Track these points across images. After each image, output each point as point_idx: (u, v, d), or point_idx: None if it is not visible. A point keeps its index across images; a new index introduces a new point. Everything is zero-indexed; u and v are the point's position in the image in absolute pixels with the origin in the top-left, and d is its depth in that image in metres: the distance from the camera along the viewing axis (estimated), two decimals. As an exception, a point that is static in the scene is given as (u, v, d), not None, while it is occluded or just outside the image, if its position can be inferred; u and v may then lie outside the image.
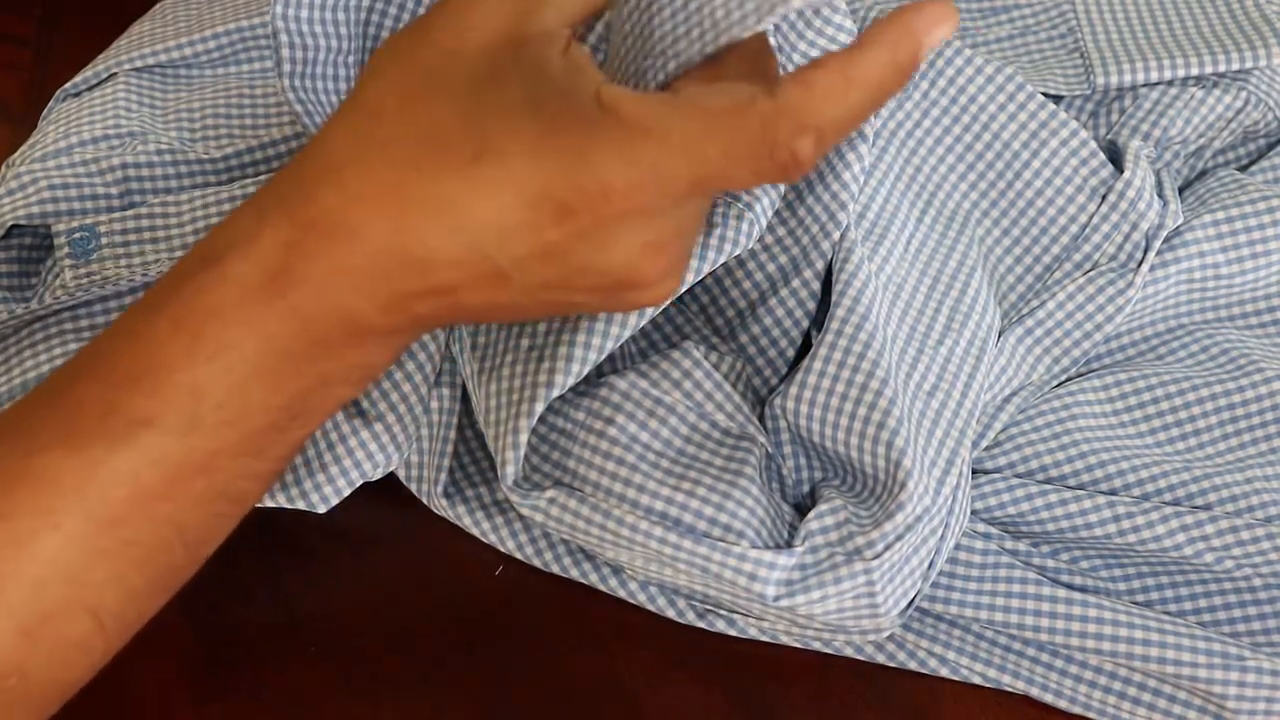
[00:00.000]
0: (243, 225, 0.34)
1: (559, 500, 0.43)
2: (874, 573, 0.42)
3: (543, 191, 0.32)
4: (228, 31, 0.55)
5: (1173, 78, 0.52)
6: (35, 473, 0.33)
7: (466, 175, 0.32)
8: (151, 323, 0.34)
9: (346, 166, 0.33)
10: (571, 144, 0.32)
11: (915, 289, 0.47)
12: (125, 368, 0.34)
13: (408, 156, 0.33)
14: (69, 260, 0.49)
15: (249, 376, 0.34)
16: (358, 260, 0.33)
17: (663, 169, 0.32)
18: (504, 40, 0.33)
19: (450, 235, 0.33)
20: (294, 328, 0.34)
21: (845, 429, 0.43)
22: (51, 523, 0.33)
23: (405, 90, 0.33)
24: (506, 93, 0.33)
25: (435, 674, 0.47)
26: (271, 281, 0.33)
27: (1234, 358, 0.50)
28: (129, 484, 0.34)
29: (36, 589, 0.34)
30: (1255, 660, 0.45)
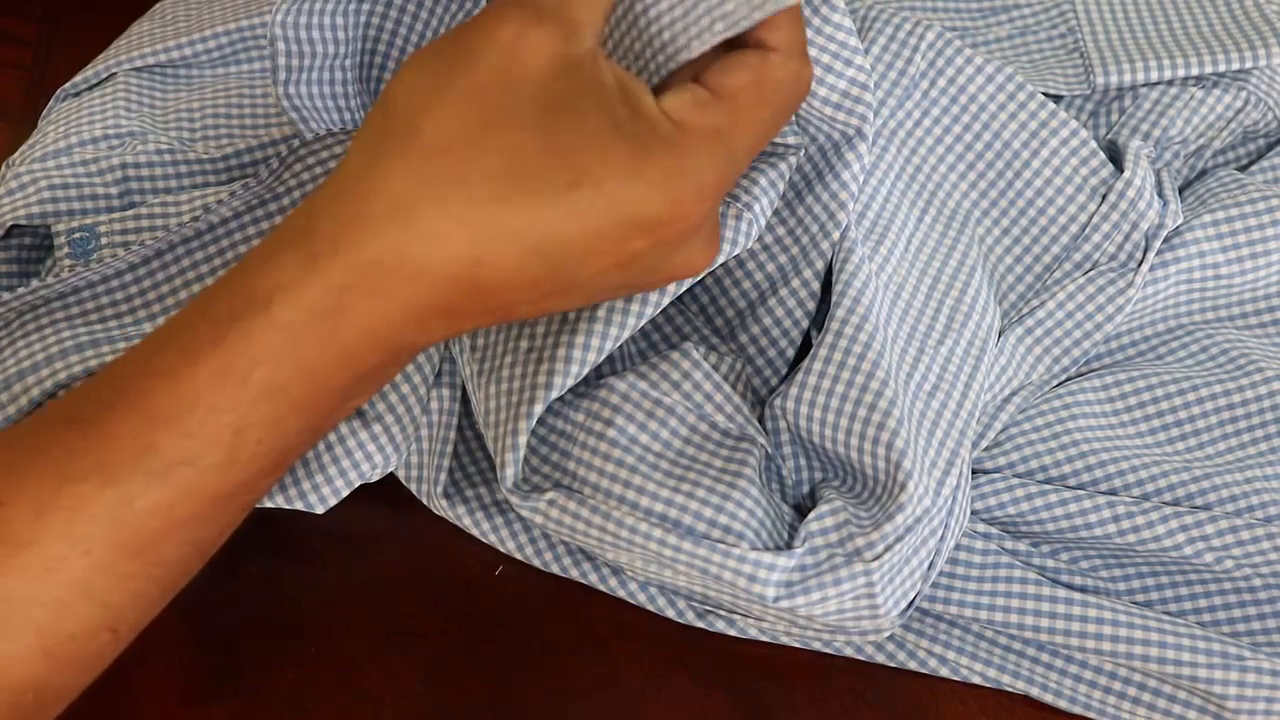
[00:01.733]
0: (288, 267, 0.34)
1: (559, 502, 0.43)
2: (874, 574, 0.42)
3: (637, 211, 0.33)
4: (228, 31, 0.55)
5: (1173, 78, 0.52)
6: (67, 503, 0.34)
7: (562, 203, 0.33)
8: (191, 364, 0.34)
9: (419, 205, 0.33)
10: (663, 164, 0.34)
11: (915, 289, 0.47)
12: (164, 407, 0.34)
13: (492, 191, 0.33)
14: (69, 260, 0.49)
15: (290, 412, 0.35)
16: (422, 297, 0.34)
17: (738, 154, 0.35)
18: (558, 66, 0.34)
19: (531, 259, 0.33)
20: (342, 364, 0.35)
21: (845, 429, 0.43)
22: (82, 550, 0.34)
23: (472, 125, 0.33)
24: (584, 120, 0.33)
25: (435, 674, 0.47)
26: (323, 323, 0.34)
27: (1234, 358, 0.50)
28: (163, 516, 0.34)
29: (61, 610, 0.34)
30: (1255, 660, 0.45)
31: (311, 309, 0.33)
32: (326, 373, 0.34)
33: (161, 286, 0.48)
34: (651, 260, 0.35)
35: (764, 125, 0.36)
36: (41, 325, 0.48)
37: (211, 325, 0.34)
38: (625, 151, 0.33)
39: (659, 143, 0.34)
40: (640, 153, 0.33)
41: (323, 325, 0.34)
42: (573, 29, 0.34)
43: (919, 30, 0.50)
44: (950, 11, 0.57)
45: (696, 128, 0.34)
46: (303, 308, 0.33)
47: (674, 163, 0.34)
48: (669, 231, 0.34)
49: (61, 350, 0.46)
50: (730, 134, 0.35)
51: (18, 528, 0.34)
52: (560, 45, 0.34)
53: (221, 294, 0.35)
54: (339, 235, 0.33)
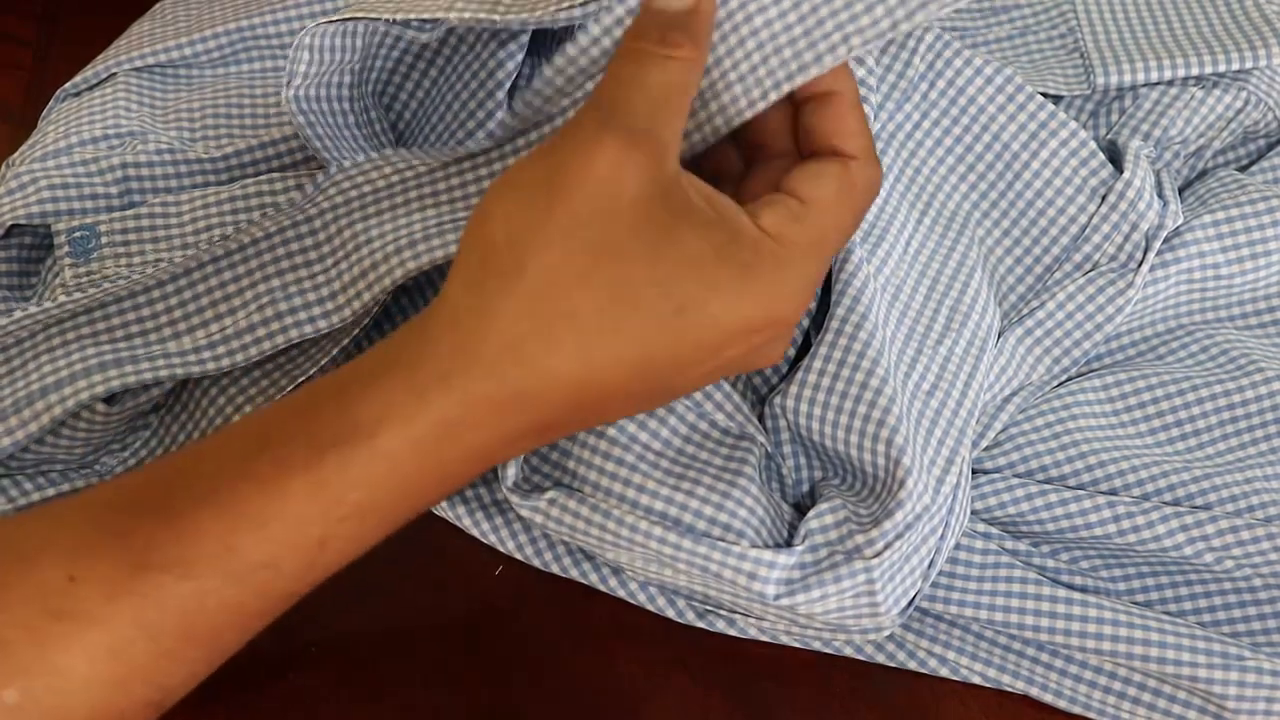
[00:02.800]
0: (395, 398, 0.34)
1: (559, 501, 0.43)
2: (874, 571, 0.42)
3: (741, 326, 0.35)
4: (227, 31, 0.55)
5: (1173, 78, 0.52)
6: (142, 590, 0.34)
7: (667, 329, 0.34)
8: (286, 476, 0.34)
9: (528, 342, 0.34)
10: (767, 282, 0.35)
11: (915, 290, 0.47)
12: (253, 513, 0.34)
13: (601, 325, 0.34)
14: (69, 259, 0.49)
15: (376, 526, 0.36)
16: (526, 424, 0.35)
17: (828, 256, 0.37)
18: (653, 195, 0.34)
19: (634, 380, 0.34)
20: (437, 485, 0.35)
21: (845, 428, 0.43)
22: (149, 635, 0.34)
23: (576, 260, 0.34)
24: (686, 246, 0.34)
25: (435, 674, 0.47)
26: (425, 453, 0.34)
27: (1234, 358, 0.50)
28: (234, 612, 0.35)
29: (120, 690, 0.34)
30: (1255, 660, 0.45)
31: (415, 441, 0.34)
32: (419, 493, 0.35)
33: (188, 305, 0.48)
34: (740, 364, 0.37)
35: (850, 229, 0.38)
36: (67, 340, 0.47)
37: (311, 445, 0.34)
38: (729, 276, 0.34)
39: (763, 262, 0.35)
40: (744, 274, 0.34)
41: (425, 454, 0.34)
42: (663, 151, 0.35)
43: (918, 32, 0.50)
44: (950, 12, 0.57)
45: (797, 243, 0.36)
46: (406, 439, 0.34)
47: (778, 278, 0.35)
48: (764, 338, 0.36)
49: (85, 369, 0.46)
50: (825, 242, 0.36)
51: (89, 606, 0.34)
52: (654, 171, 0.34)
53: (323, 412, 0.35)
54: (450, 372, 0.34)
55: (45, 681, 0.33)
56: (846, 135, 0.37)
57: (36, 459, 0.47)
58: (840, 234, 0.37)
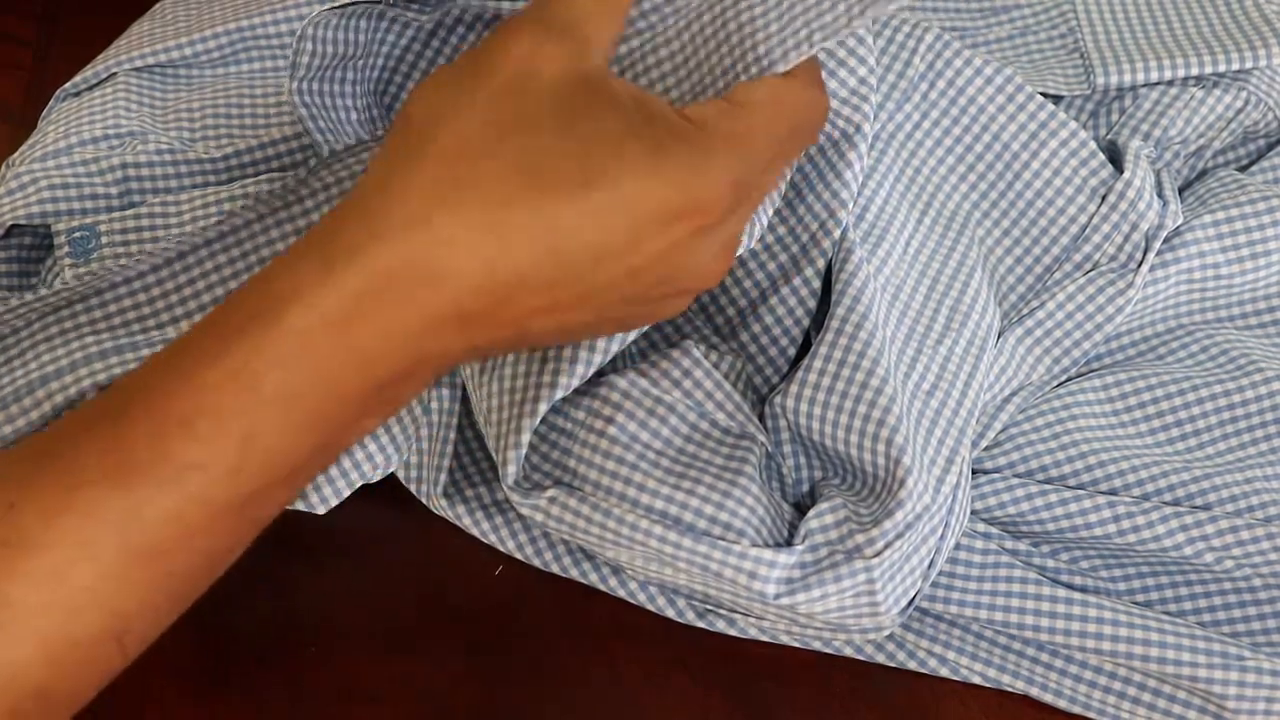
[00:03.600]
0: (304, 274, 0.34)
1: (559, 500, 0.43)
2: (874, 571, 0.42)
3: (655, 208, 0.34)
4: (228, 31, 0.55)
5: (1173, 78, 0.52)
6: (78, 507, 0.33)
7: (576, 201, 0.33)
8: (206, 367, 0.34)
9: (435, 212, 0.33)
10: (681, 161, 0.34)
11: (915, 289, 0.47)
12: (177, 411, 0.34)
13: (506, 193, 0.33)
14: (69, 260, 0.49)
15: (302, 421, 0.35)
16: (437, 302, 0.34)
17: (755, 162, 0.36)
18: (572, 77, 0.35)
19: (545, 260, 0.34)
20: (356, 371, 0.35)
21: (845, 427, 0.43)
22: (90, 554, 0.34)
23: (487, 131, 0.34)
24: (601, 124, 0.34)
25: (435, 674, 0.47)
26: (337, 330, 0.34)
27: (1234, 358, 0.50)
28: (174, 523, 0.34)
29: (68, 618, 0.34)
30: (1255, 660, 0.45)
31: (325, 315, 0.34)
32: (340, 380, 0.34)
33: (184, 289, 0.48)
34: (664, 268, 0.35)
35: (782, 142, 0.37)
36: (65, 330, 0.47)
37: (228, 330, 0.34)
38: (641, 150, 0.34)
39: (676, 140, 0.34)
40: (657, 150, 0.34)
41: (337, 332, 0.34)
42: (584, 46, 0.35)
43: (918, 32, 0.50)
44: (950, 11, 0.57)
45: (715, 128, 0.35)
46: (316, 313, 0.34)
47: (691, 159, 0.34)
48: (683, 229, 0.35)
49: (85, 357, 0.46)
50: (748, 140, 0.36)
51: (26, 532, 0.33)
52: (574, 60, 0.35)
53: (241, 300, 0.35)
54: (355, 244, 0.34)
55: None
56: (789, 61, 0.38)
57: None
58: (768, 139, 0.37)
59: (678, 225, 0.34)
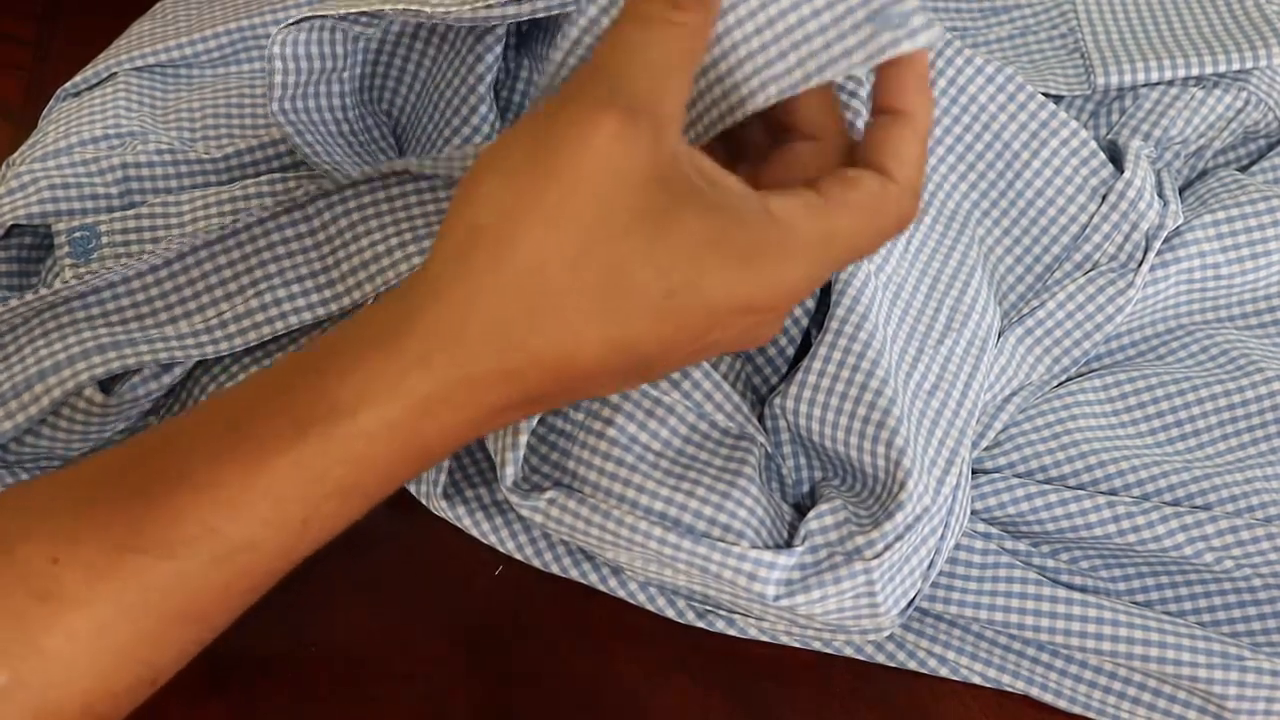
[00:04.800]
0: (375, 379, 0.34)
1: (559, 501, 0.43)
2: (874, 572, 0.42)
3: (732, 307, 0.34)
4: (228, 31, 0.55)
5: (1173, 78, 0.52)
6: (123, 572, 0.34)
7: (659, 311, 0.33)
8: (268, 456, 0.34)
9: (514, 324, 0.33)
10: (766, 268, 0.34)
11: (915, 289, 0.47)
12: (234, 495, 0.34)
13: (590, 306, 0.33)
14: (69, 260, 0.49)
15: (360, 503, 0.35)
16: (507, 398, 0.34)
17: (834, 262, 0.36)
18: (651, 173, 0.33)
19: (619, 357, 0.34)
20: (418, 460, 0.35)
21: (845, 428, 0.43)
22: (131, 618, 0.34)
23: (567, 243, 0.32)
24: (682, 229, 0.33)
25: (435, 674, 0.47)
26: (409, 431, 0.34)
27: (1234, 358, 0.50)
28: (218, 591, 0.35)
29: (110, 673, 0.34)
30: (1255, 660, 0.45)
31: (398, 423, 0.34)
32: (400, 470, 0.35)
33: (184, 290, 0.48)
34: (727, 346, 0.36)
35: (863, 247, 0.36)
36: (62, 325, 0.47)
37: (291, 423, 0.34)
38: (726, 260, 0.33)
39: (764, 246, 0.34)
40: (743, 258, 0.33)
41: (405, 433, 0.34)
42: (664, 128, 0.33)
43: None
44: (950, 11, 0.57)
45: (805, 233, 0.34)
46: (388, 422, 0.34)
47: (778, 268, 0.34)
48: (755, 319, 0.35)
49: (83, 351, 0.46)
50: (834, 244, 0.35)
51: (68, 588, 0.33)
52: (655, 148, 0.33)
53: (302, 392, 0.34)
54: (430, 352, 0.33)
55: (31, 664, 0.33)
56: (901, 160, 0.36)
57: (35, 453, 0.48)
58: (852, 245, 0.35)
59: (750, 318, 0.34)
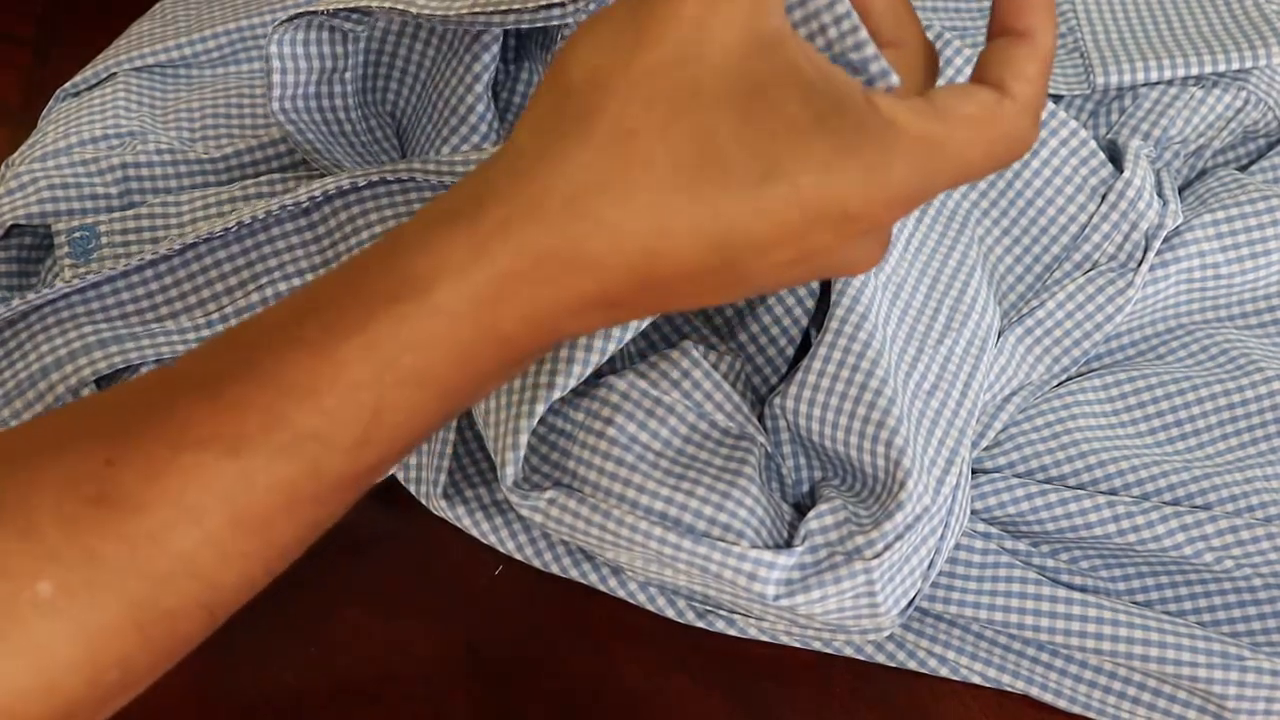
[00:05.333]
0: (451, 250, 0.31)
1: (559, 500, 0.43)
2: (874, 572, 0.42)
3: (831, 207, 0.31)
4: (227, 31, 0.55)
5: (1172, 77, 0.52)
6: (184, 470, 0.31)
7: (752, 196, 0.31)
8: (337, 339, 0.31)
9: (600, 195, 0.31)
10: (866, 162, 0.31)
11: (915, 288, 0.47)
12: (301, 380, 0.31)
13: (679, 181, 0.31)
14: (69, 260, 0.49)
15: (433, 397, 0.33)
16: (591, 288, 0.32)
17: (939, 178, 0.33)
18: (749, 45, 0.31)
19: (709, 254, 0.31)
20: (496, 350, 0.33)
21: (845, 428, 0.43)
22: (193, 519, 0.31)
23: (658, 108, 0.31)
24: (782, 106, 0.31)
25: (435, 674, 0.47)
26: (484, 311, 0.32)
27: (1234, 358, 0.50)
28: (284, 493, 0.32)
29: (162, 585, 0.32)
30: (1255, 660, 0.45)
31: (472, 298, 0.31)
32: (477, 359, 0.32)
33: (184, 284, 0.48)
34: (826, 259, 0.33)
35: (972, 164, 0.34)
36: (62, 321, 0.48)
37: (361, 302, 0.32)
38: (826, 145, 0.31)
39: (864, 138, 0.31)
40: (842, 148, 0.31)
41: (483, 313, 0.32)
42: (759, 3, 0.31)
43: (919, 30, 0.50)
44: (950, 11, 0.57)
45: (908, 131, 0.32)
46: (462, 296, 0.31)
47: (877, 161, 0.31)
48: (854, 229, 0.32)
49: (84, 347, 0.46)
50: (939, 153, 0.33)
51: (126, 490, 0.31)
52: (751, 19, 0.31)
53: (374, 269, 0.32)
54: (511, 221, 0.31)
55: (81, 573, 0.31)
56: (1019, 77, 0.34)
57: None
58: (961, 160, 0.33)
59: (848, 226, 0.32)
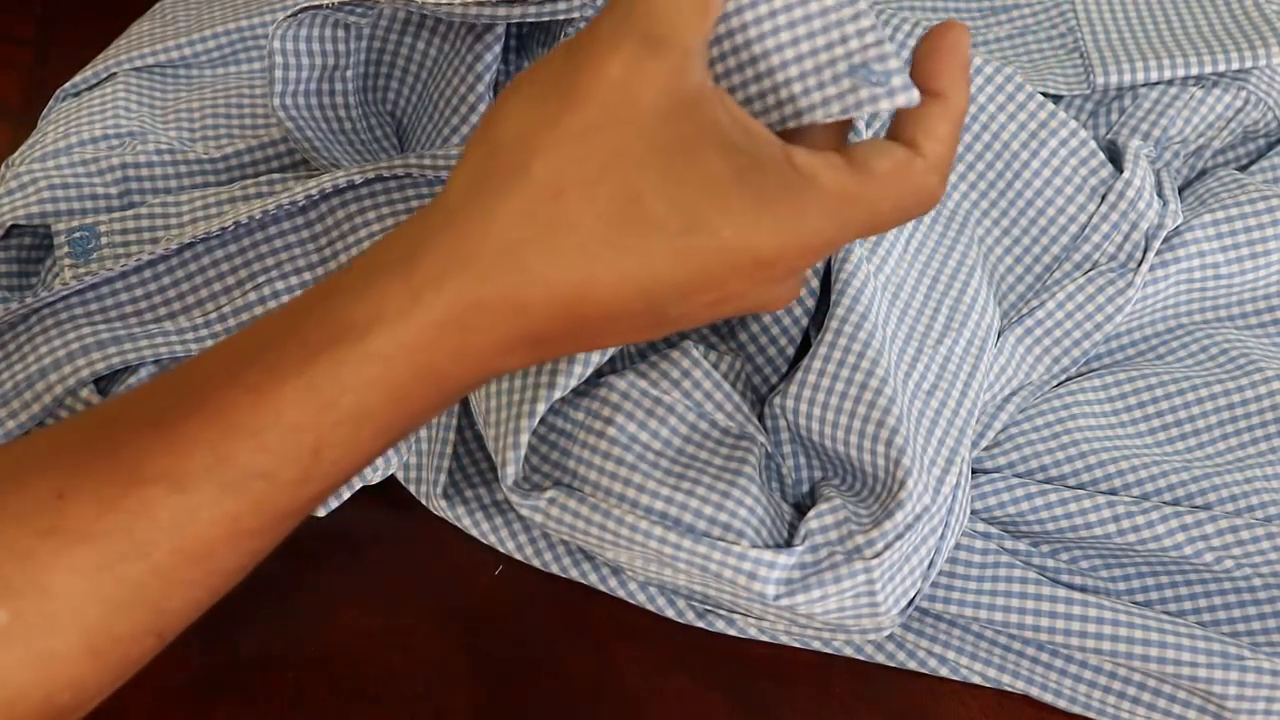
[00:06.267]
0: (388, 299, 0.33)
1: (559, 500, 0.43)
2: (874, 571, 0.42)
3: (749, 256, 0.33)
4: (227, 31, 0.55)
5: (1172, 77, 0.52)
6: (134, 504, 0.33)
7: (676, 247, 0.33)
8: (278, 382, 0.33)
9: (529, 248, 0.33)
10: (782, 213, 0.33)
11: (915, 289, 0.47)
12: (245, 421, 0.33)
13: (605, 236, 0.32)
14: (69, 260, 0.49)
15: (371, 435, 0.35)
16: (521, 332, 0.34)
17: (851, 228, 0.35)
18: (672, 105, 0.33)
19: (634, 299, 0.33)
20: (432, 393, 0.34)
21: (845, 428, 0.43)
22: (141, 552, 0.33)
23: (585, 166, 0.32)
24: (704, 163, 0.33)
25: (435, 674, 0.47)
26: (418, 356, 0.33)
27: (1234, 357, 0.50)
28: (228, 526, 0.34)
29: (114, 612, 0.34)
30: (1255, 660, 0.45)
31: (406, 344, 0.33)
32: (413, 398, 0.34)
33: (182, 284, 0.48)
34: (742, 300, 0.35)
35: (882, 216, 0.35)
36: (60, 322, 0.48)
37: (302, 347, 0.34)
38: (745, 199, 0.33)
39: (782, 191, 0.33)
40: (760, 201, 0.33)
41: (418, 356, 0.33)
42: (685, 60, 0.33)
43: (918, 31, 0.50)
44: (950, 12, 0.57)
45: (825, 186, 0.34)
46: (400, 343, 0.33)
47: (793, 212, 0.33)
48: (770, 274, 0.34)
49: (83, 348, 0.46)
50: (854, 207, 0.34)
51: (79, 522, 0.33)
52: (674, 79, 0.33)
53: (315, 315, 0.34)
54: (445, 273, 0.33)
55: (34, 602, 0.33)
56: (930, 136, 0.36)
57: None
58: (872, 212, 0.35)
59: (765, 272, 0.34)
